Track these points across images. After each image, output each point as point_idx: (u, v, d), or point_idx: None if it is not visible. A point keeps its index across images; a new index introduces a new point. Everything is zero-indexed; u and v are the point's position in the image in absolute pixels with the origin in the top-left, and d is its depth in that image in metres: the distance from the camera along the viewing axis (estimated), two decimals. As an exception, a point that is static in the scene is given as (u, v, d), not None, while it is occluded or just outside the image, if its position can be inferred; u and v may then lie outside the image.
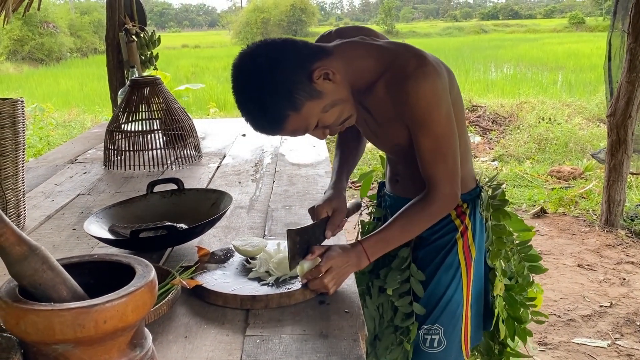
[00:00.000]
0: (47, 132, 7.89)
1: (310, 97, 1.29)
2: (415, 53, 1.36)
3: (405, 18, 70.82)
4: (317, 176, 2.32)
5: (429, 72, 1.31)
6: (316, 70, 1.28)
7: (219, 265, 1.45)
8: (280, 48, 1.29)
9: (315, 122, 1.33)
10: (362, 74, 1.37)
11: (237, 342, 1.13)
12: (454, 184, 1.42)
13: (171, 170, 2.52)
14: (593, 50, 16.31)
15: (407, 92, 1.31)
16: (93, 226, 1.56)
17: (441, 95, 1.34)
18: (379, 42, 1.44)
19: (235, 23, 40.11)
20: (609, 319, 3.17)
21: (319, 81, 1.29)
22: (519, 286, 1.72)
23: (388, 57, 1.37)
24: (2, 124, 1.64)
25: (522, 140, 7.22)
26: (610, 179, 4.32)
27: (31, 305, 0.76)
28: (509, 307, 1.69)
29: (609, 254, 4.03)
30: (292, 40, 1.33)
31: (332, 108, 1.33)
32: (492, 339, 1.75)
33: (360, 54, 1.39)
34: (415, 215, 1.42)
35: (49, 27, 23.44)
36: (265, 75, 1.26)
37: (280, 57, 1.28)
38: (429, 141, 1.37)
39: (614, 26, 4.42)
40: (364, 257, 1.36)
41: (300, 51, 1.30)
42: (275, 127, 1.32)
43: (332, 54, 1.34)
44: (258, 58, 1.28)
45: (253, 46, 1.31)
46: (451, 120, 1.38)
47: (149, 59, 3.96)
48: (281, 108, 1.28)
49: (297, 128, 1.33)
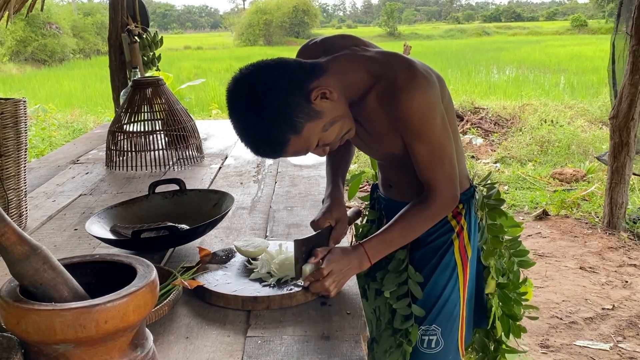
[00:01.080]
0: (49, 132, 7.90)
1: (310, 118, 1.27)
2: (405, 63, 1.35)
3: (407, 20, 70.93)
4: (319, 177, 2.32)
5: (420, 83, 1.31)
6: (313, 91, 1.27)
7: (220, 266, 1.45)
8: (275, 71, 1.27)
9: (316, 141, 1.32)
10: (355, 87, 1.36)
11: (238, 343, 1.12)
12: (453, 185, 1.42)
13: (173, 171, 2.52)
14: (595, 52, 16.31)
15: (400, 105, 1.30)
16: (95, 226, 1.56)
17: (434, 105, 1.33)
18: (369, 52, 1.42)
19: (237, 25, 40.21)
20: (611, 322, 3.17)
21: (317, 101, 1.28)
22: (512, 283, 1.72)
23: (378, 69, 1.36)
24: (4, 124, 1.64)
25: (524, 143, 7.21)
26: (613, 181, 4.31)
27: (32, 305, 0.76)
28: (503, 304, 1.70)
29: (611, 256, 4.02)
30: (285, 61, 1.31)
31: (331, 126, 1.32)
32: (487, 336, 1.75)
33: (353, 67, 1.37)
34: (416, 217, 1.42)
35: (52, 28, 23.49)
36: (263, 101, 1.24)
37: (276, 81, 1.25)
38: (425, 148, 1.37)
39: (617, 28, 4.42)
40: (366, 259, 1.36)
41: (295, 73, 1.28)
42: (277, 151, 1.31)
43: (326, 71, 1.33)
44: (254, 84, 1.26)
45: (247, 72, 1.29)
46: (446, 127, 1.38)
47: (151, 60, 3.97)
48: (282, 133, 1.26)
49: (298, 150, 1.32)
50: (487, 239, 1.64)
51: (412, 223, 1.42)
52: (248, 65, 1.31)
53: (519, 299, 1.73)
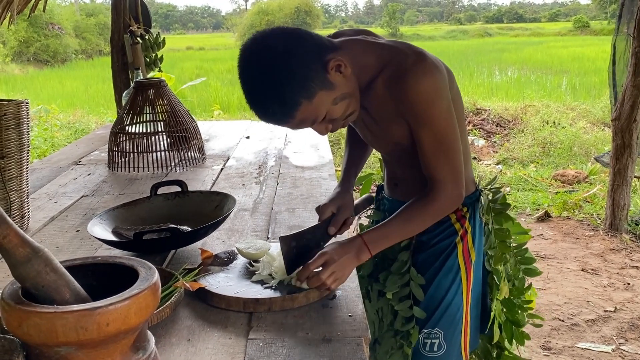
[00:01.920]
0: (51, 133, 7.92)
1: (323, 87, 1.28)
2: (414, 50, 1.36)
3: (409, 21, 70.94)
4: (320, 179, 2.32)
5: (428, 67, 1.31)
6: (330, 61, 1.28)
7: (222, 268, 1.45)
8: (296, 36, 1.28)
9: (324, 113, 1.31)
10: (364, 71, 1.37)
11: (240, 345, 1.12)
12: (458, 183, 1.41)
13: (175, 172, 2.52)
14: (598, 54, 16.29)
15: (406, 87, 1.30)
16: (97, 228, 1.56)
17: (441, 90, 1.33)
18: (380, 40, 1.44)
19: (239, 25, 40.29)
20: (614, 324, 3.16)
21: (332, 72, 1.28)
22: (516, 289, 1.71)
23: (387, 54, 1.37)
24: (6, 126, 1.64)
25: (526, 144, 7.21)
26: (615, 183, 4.31)
27: (34, 308, 0.76)
28: (507, 310, 1.69)
29: (613, 258, 4.02)
30: (304, 30, 1.32)
31: (341, 101, 1.32)
32: (490, 342, 1.74)
33: (363, 50, 1.38)
34: (418, 211, 1.41)
35: (55, 28, 23.54)
36: (282, 60, 1.24)
37: (296, 44, 1.26)
38: (431, 137, 1.36)
39: (618, 30, 4.41)
40: (365, 249, 1.34)
41: (314, 41, 1.29)
42: (286, 114, 1.29)
43: (339, 49, 1.34)
44: (274, 44, 1.26)
45: (265, 33, 1.29)
46: (452, 116, 1.37)
47: (153, 61, 3.97)
48: (295, 95, 1.25)
49: (306, 118, 1.30)
50: (493, 243, 1.63)
51: (413, 217, 1.41)
52: (266, 28, 1.31)
53: (523, 305, 1.72)
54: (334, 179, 2.32)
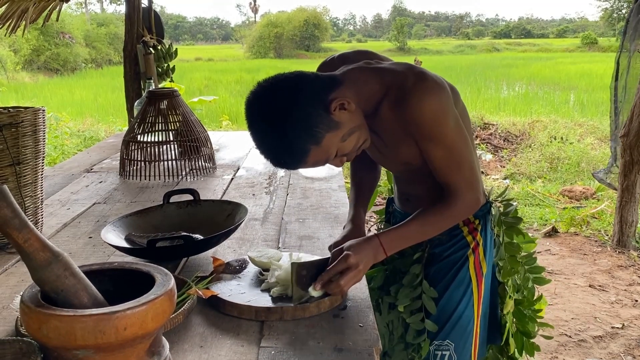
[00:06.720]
0: (62, 141, 7.97)
1: (329, 129, 1.30)
2: (415, 72, 1.37)
3: (417, 35, 71.15)
4: (330, 190, 2.33)
5: (429, 86, 1.32)
6: (332, 102, 1.29)
7: (234, 276, 1.46)
8: (295, 83, 1.30)
9: (335, 152, 1.34)
10: (369, 98, 1.38)
11: (252, 353, 1.13)
12: (475, 189, 1.42)
13: (186, 181, 2.54)
14: (606, 70, 16.25)
15: (410, 108, 1.31)
16: (110, 234, 1.57)
17: (446, 106, 1.34)
18: (382, 64, 1.45)
19: (248, 37, 40.48)
20: (621, 341, 3.14)
21: (336, 112, 1.30)
22: (527, 300, 1.71)
23: (389, 78, 1.38)
24: (23, 132, 1.66)
25: (533, 159, 7.21)
26: (623, 199, 4.29)
27: (54, 311, 0.77)
28: (518, 321, 1.69)
29: (620, 274, 4.00)
30: (303, 73, 1.33)
31: (350, 136, 1.34)
32: (501, 352, 1.74)
33: (366, 78, 1.39)
34: (436, 215, 1.42)
35: (65, 37, 23.74)
36: (284, 113, 1.27)
37: (297, 93, 1.28)
38: (440, 152, 1.37)
39: (622, 46, 4.42)
40: (380, 250, 1.36)
41: (314, 85, 1.31)
42: (297, 161, 1.33)
43: (342, 83, 1.35)
44: (275, 96, 1.29)
45: (266, 84, 1.31)
46: (461, 129, 1.38)
47: (165, 71, 4.01)
48: (303, 143, 1.28)
49: (318, 160, 1.34)
50: (503, 256, 1.63)
51: (430, 220, 1.42)
52: (267, 78, 1.33)
53: (533, 316, 1.72)
54: (344, 190, 2.32)
